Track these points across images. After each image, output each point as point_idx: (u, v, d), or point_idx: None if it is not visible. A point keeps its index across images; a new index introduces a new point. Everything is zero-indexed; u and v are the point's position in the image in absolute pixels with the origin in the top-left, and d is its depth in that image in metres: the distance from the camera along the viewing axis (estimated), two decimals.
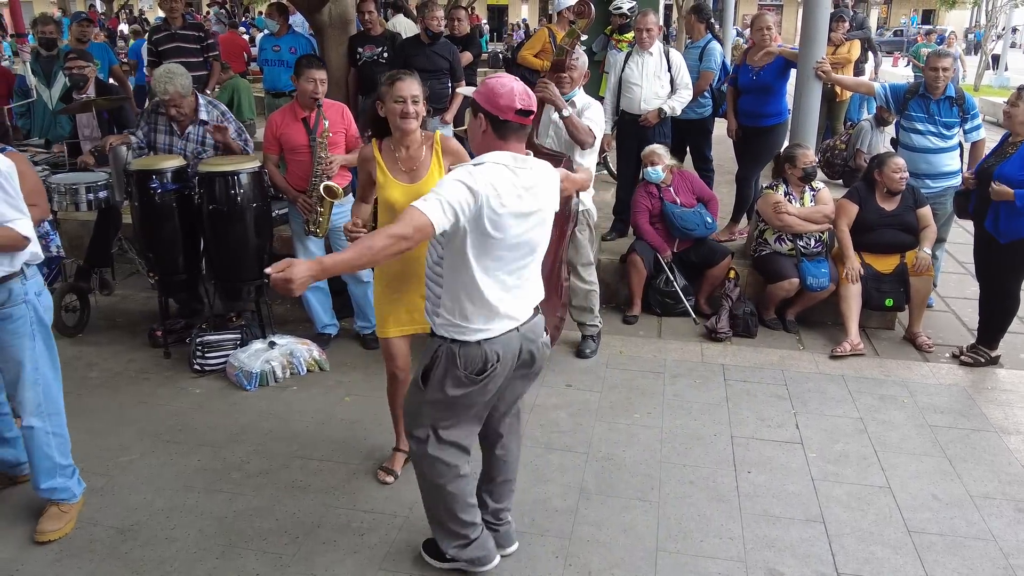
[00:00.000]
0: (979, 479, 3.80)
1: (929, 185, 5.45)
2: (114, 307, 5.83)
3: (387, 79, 3.24)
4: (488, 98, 2.57)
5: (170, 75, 4.84)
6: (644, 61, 6.15)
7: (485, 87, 2.60)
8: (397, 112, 3.22)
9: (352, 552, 3.23)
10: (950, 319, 5.90)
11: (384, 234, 2.42)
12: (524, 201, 2.58)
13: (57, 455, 3.31)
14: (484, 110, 2.58)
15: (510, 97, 2.54)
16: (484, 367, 2.69)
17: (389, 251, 2.42)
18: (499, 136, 2.59)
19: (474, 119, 2.65)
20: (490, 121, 2.58)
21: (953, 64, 5.48)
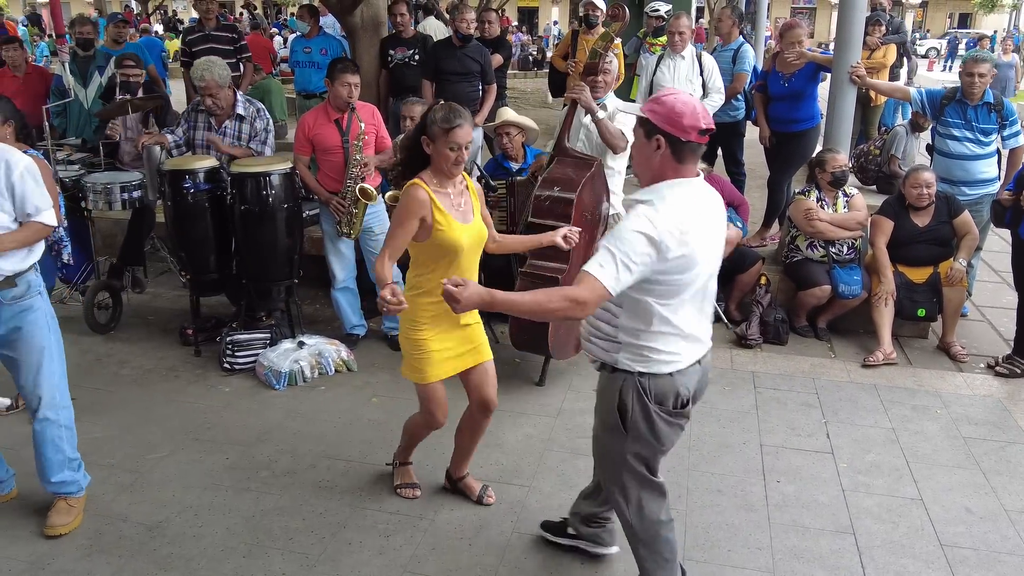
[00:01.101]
0: (1014, 493, 3.72)
1: (965, 192, 5.36)
2: (146, 305, 5.90)
3: (443, 122, 2.97)
4: (668, 118, 2.36)
5: (209, 64, 4.94)
6: (676, 64, 6.12)
7: (663, 106, 2.39)
8: (451, 159, 3.01)
9: (378, 553, 3.23)
10: (985, 328, 5.80)
11: (561, 295, 2.33)
12: (708, 228, 2.44)
13: (67, 448, 3.36)
14: (663, 131, 2.37)
15: (694, 116, 2.35)
16: (677, 402, 2.55)
17: (560, 315, 2.35)
18: (678, 159, 2.40)
19: (646, 142, 2.43)
20: (670, 143, 2.37)
21: (991, 70, 5.37)
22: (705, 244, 2.42)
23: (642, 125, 2.44)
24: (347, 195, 4.78)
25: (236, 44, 7.64)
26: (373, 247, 4.99)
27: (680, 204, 2.37)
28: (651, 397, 2.52)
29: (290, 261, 4.88)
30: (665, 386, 2.52)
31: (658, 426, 2.55)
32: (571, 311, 2.31)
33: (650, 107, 2.42)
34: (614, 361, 2.55)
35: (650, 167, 2.45)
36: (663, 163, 2.41)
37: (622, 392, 2.55)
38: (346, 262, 5.06)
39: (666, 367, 2.50)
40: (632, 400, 2.53)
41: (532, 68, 21.88)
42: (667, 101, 2.39)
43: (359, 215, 4.82)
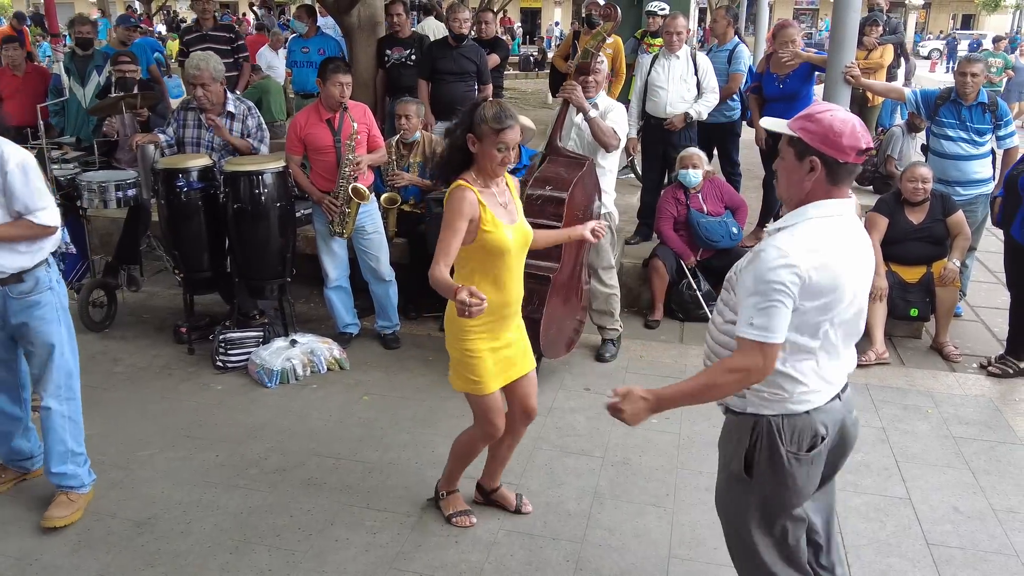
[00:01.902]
0: (1003, 493, 3.72)
1: (960, 192, 5.36)
2: (141, 303, 5.92)
3: (494, 122, 2.85)
4: (826, 137, 2.12)
5: (206, 56, 4.97)
6: (671, 64, 6.12)
7: (818, 124, 2.14)
8: (498, 159, 2.90)
9: (364, 550, 3.24)
10: (979, 329, 5.80)
11: (726, 370, 2.18)
12: (853, 254, 2.21)
13: (71, 441, 3.37)
14: (819, 152, 2.13)
15: (854, 136, 2.12)
16: (814, 442, 2.30)
17: (735, 389, 2.22)
18: (833, 183, 2.16)
19: (797, 163, 2.19)
20: (826, 166, 2.14)
21: (985, 70, 5.37)
22: (850, 271, 2.19)
23: (795, 144, 2.19)
24: (340, 195, 4.79)
25: (234, 44, 7.66)
26: (366, 246, 5.00)
27: (827, 230, 2.17)
28: (784, 439, 2.28)
29: (283, 260, 4.89)
30: (802, 425, 2.29)
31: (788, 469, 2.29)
32: (745, 380, 2.18)
33: (800, 124, 2.18)
34: (741, 406, 2.33)
35: (798, 188, 2.21)
36: (817, 186, 2.18)
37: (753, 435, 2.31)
38: (339, 261, 5.07)
39: (802, 405, 2.27)
40: (762, 443, 2.29)
41: (533, 69, 21.88)
42: (822, 119, 2.15)
43: (352, 214, 4.84)
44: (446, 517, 3.43)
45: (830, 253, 2.14)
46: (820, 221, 2.18)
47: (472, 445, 3.32)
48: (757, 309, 2.13)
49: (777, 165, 2.30)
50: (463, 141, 2.95)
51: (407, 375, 4.79)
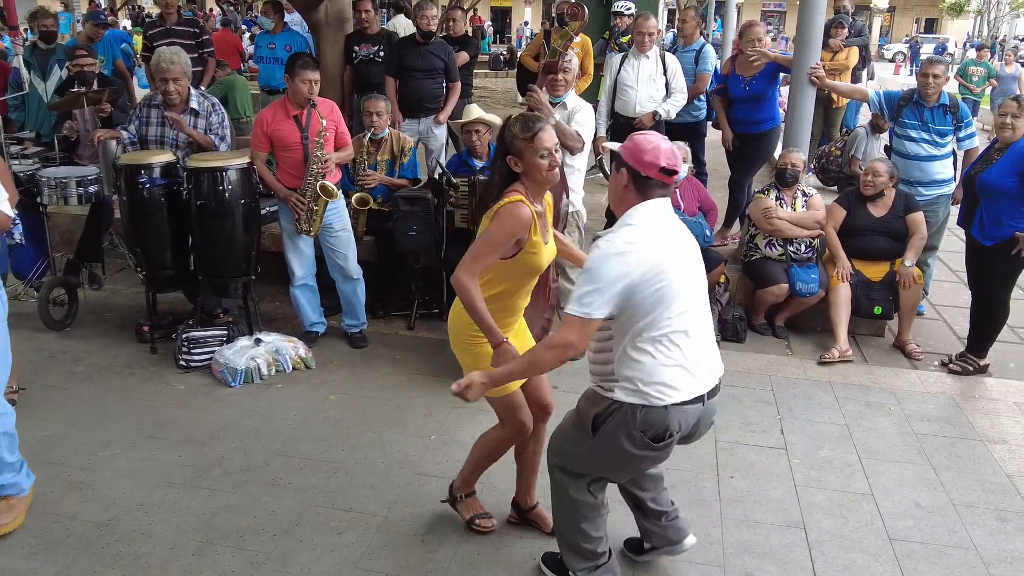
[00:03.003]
0: (963, 488, 3.78)
1: (922, 192, 5.44)
2: (103, 302, 5.82)
3: (524, 132, 2.75)
4: (632, 153, 2.55)
5: (176, 51, 4.91)
6: (640, 64, 6.15)
7: (632, 142, 2.57)
8: (545, 167, 2.78)
9: (329, 551, 3.21)
10: (941, 327, 5.89)
11: (545, 347, 2.59)
12: (682, 251, 2.58)
13: (5, 454, 3.24)
14: (627, 165, 2.55)
15: (655, 154, 2.51)
16: (664, 435, 2.59)
17: (555, 362, 2.59)
18: (640, 193, 2.56)
19: (616, 173, 2.61)
20: (632, 176, 2.55)
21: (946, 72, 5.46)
22: (672, 260, 2.52)
23: (614, 158, 2.62)
24: (307, 192, 4.75)
25: (198, 39, 7.56)
26: (333, 244, 4.96)
27: (651, 228, 2.52)
28: (635, 424, 2.56)
29: (247, 257, 4.83)
30: (656, 418, 2.55)
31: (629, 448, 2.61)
32: (563, 354, 2.51)
33: (623, 143, 2.60)
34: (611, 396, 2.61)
35: (616, 196, 2.63)
36: (627, 193, 2.58)
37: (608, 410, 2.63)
38: (305, 259, 5.02)
39: (660, 400, 2.54)
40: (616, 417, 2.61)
41: (502, 68, 21.87)
42: (636, 138, 2.57)
43: (319, 212, 4.80)
44: (467, 521, 3.33)
45: (654, 242, 2.49)
46: (642, 217, 2.53)
47: (499, 444, 3.21)
48: (584, 290, 2.45)
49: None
50: (506, 167, 2.83)
51: (374, 374, 4.76)
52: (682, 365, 2.54)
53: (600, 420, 2.64)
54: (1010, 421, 4.42)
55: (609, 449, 2.64)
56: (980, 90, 13.75)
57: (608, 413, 2.61)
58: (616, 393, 2.58)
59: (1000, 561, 3.27)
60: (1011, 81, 13.80)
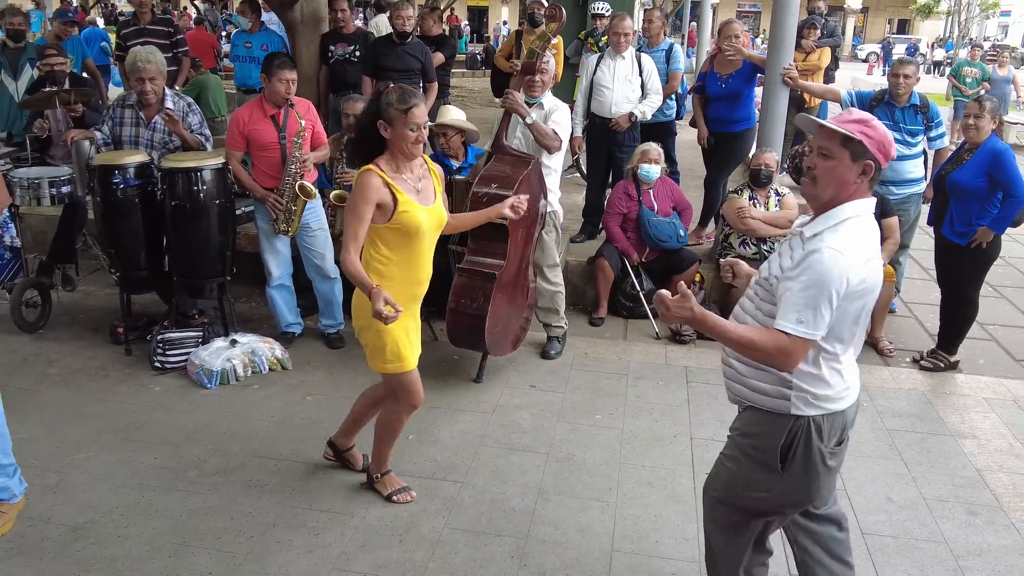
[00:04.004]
0: (933, 482, 3.84)
1: (893, 191, 5.51)
2: (77, 303, 5.77)
3: (399, 103, 2.97)
4: (881, 144, 2.28)
5: (150, 51, 4.87)
6: (616, 65, 6.17)
7: (874, 130, 2.28)
8: (411, 139, 3.03)
9: (306, 551, 3.21)
10: (912, 324, 5.97)
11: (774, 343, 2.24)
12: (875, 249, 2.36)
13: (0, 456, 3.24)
14: (874, 157, 2.27)
15: (893, 148, 2.33)
16: (843, 436, 2.45)
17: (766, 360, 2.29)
18: (871, 187, 2.35)
19: (851, 164, 2.28)
20: (876, 168, 2.29)
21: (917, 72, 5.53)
22: (879, 268, 2.36)
23: (850, 145, 2.27)
24: (285, 192, 4.73)
25: (172, 38, 7.51)
26: (310, 243, 4.95)
27: (862, 227, 2.31)
28: (823, 436, 2.38)
29: (223, 258, 4.81)
30: (839, 422, 2.42)
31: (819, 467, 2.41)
32: (776, 360, 2.26)
33: (865, 131, 2.27)
34: (784, 408, 2.38)
35: (845, 187, 2.31)
36: (860, 188, 2.32)
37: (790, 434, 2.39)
38: (282, 259, 5.01)
39: (840, 403, 2.39)
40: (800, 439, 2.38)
41: (479, 67, 21.86)
42: (882, 130, 2.29)
43: (298, 212, 4.78)
44: (386, 496, 3.52)
45: (872, 250, 2.31)
46: (857, 220, 2.30)
47: (397, 420, 3.44)
48: (806, 307, 2.21)
49: (816, 163, 2.34)
50: (373, 128, 3.04)
51: (351, 375, 4.75)
52: (852, 365, 2.42)
53: (786, 448, 2.39)
54: (979, 416, 4.50)
55: (806, 474, 2.40)
56: (973, 92, 12.72)
57: (793, 437, 2.38)
58: (793, 403, 2.36)
59: (969, 554, 3.33)
60: (1004, 84, 13.28)
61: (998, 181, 4.64)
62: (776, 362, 2.28)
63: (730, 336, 2.31)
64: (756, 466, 2.46)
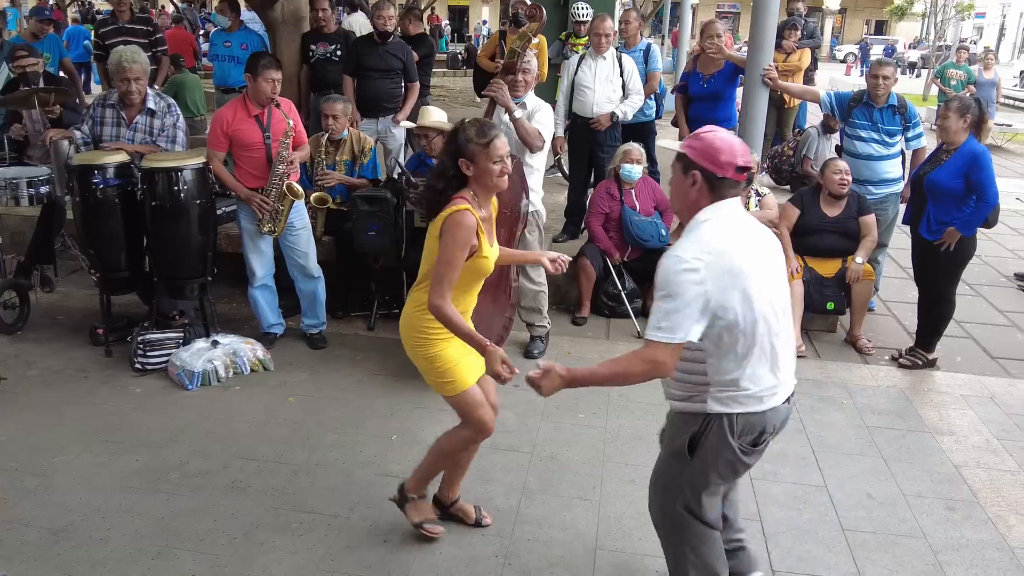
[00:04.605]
0: (912, 478, 3.89)
1: (872, 191, 5.57)
2: (56, 304, 5.71)
3: (479, 137, 2.80)
4: (705, 153, 2.37)
5: (135, 52, 4.85)
6: (597, 65, 6.19)
7: (700, 141, 2.40)
8: (496, 173, 2.84)
9: (291, 553, 3.20)
10: (891, 323, 6.04)
11: (640, 359, 2.34)
12: (762, 250, 2.43)
13: None
14: (700, 167, 2.37)
15: (731, 153, 2.36)
16: (761, 438, 2.51)
17: (643, 378, 2.38)
18: (713, 194, 2.39)
19: (683, 177, 2.42)
20: (706, 179, 2.37)
21: (895, 73, 5.60)
22: (754, 262, 2.38)
23: (680, 160, 2.43)
24: (272, 192, 4.72)
25: (151, 37, 7.46)
26: (294, 243, 4.93)
27: (718, 226, 2.37)
28: (735, 433, 2.46)
29: (204, 258, 4.78)
30: (754, 422, 2.47)
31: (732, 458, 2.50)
32: (653, 372, 2.35)
33: (689, 143, 2.42)
34: (700, 409, 2.48)
35: (686, 200, 2.44)
36: (700, 196, 2.41)
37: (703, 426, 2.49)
38: (265, 259, 4.99)
39: (755, 406, 2.45)
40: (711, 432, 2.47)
41: (460, 67, 21.85)
42: (706, 137, 2.40)
43: (285, 212, 4.78)
44: (414, 524, 3.27)
45: (728, 248, 2.33)
46: (708, 223, 2.38)
47: (460, 444, 3.18)
48: (663, 313, 2.32)
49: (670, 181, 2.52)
50: (455, 168, 2.85)
51: (334, 375, 4.74)
52: (773, 368, 2.45)
53: (697, 439, 2.49)
54: (957, 413, 4.56)
55: (712, 464, 2.52)
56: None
57: (705, 429, 2.48)
58: (710, 404, 2.46)
59: (948, 548, 3.37)
60: (990, 88, 13.12)
61: (973, 183, 4.70)
62: (650, 373, 2.35)
63: (602, 377, 2.49)
64: (673, 455, 2.62)
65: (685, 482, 2.59)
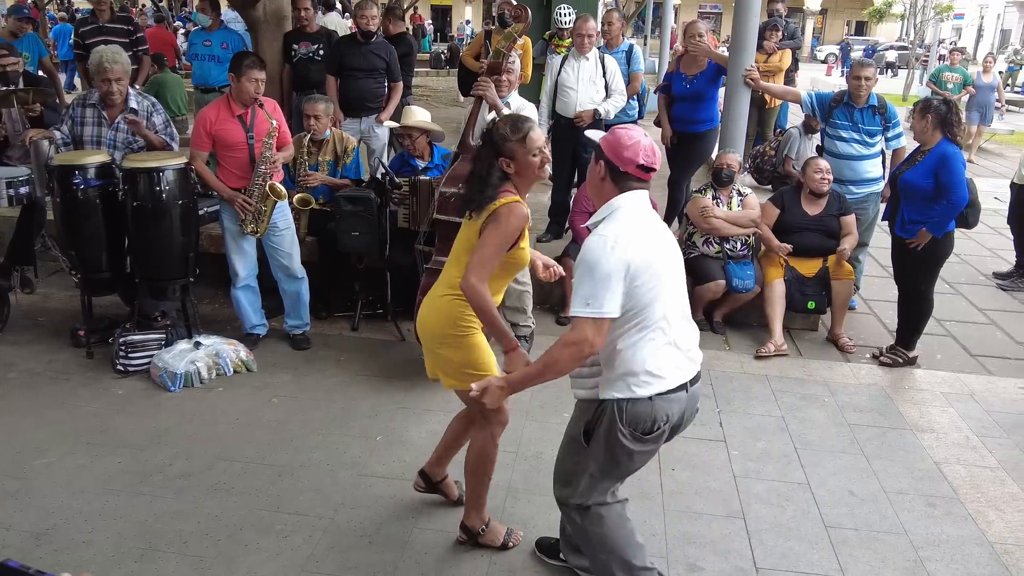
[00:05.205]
0: (894, 475, 3.93)
1: (852, 191, 5.62)
2: (36, 306, 5.66)
3: (515, 133, 2.80)
4: (612, 147, 2.54)
5: (116, 51, 4.81)
6: (580, 66, 6.21)
7: (613, 136, 2.56)
8: (537, 164, 2.85)
9: (275, 554, 3.19)
10: (872, 321, 6.09)
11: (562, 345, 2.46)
12: (662, 240, 2.57)
13: None
14: (606, 158, 2.55)
15: (634, 150, 2.50)
16: (654, 427, 2.57)
17: (573, 362, 2.49)
18: (617, 186, 2.55)
19: (594, 164, 2.62)
20: (609, 170, 2.55)
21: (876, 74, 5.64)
22: (657, 249, 2.52)
23: (594, 149, 2.62)
24: (255, 193, 4.70)
25: (132, 36, 7.40)
26: (277, 243, 4.91)
27: (630, 214, 2.52)
28: (624, 420, 2.54)
29: (186, 259, 4.76)
30: (643, 410, 2.54)
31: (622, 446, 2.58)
32: (579, 352, 2.44)
33: (605, 135, 2.61)
34: (593, 395, 2.61)
35: (593, 187, 2.64)
36: (605, 186, 2.58)
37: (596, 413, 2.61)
38: (248, 260, 4.96)
39: (643, 390, 2.53)
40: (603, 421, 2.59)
41: (443, 67, 21.82)
42: (617, 132, 2.56)
43: (268, 212, 4.76)
44: (501, 546, 3.23)
45: (640, 234, 2.49)
46: (624, 210, 2.53)
47: (487, 451, 3.13)
48: (589, 290, 2.42)
49: None
50: (499, 169, 2.84)
51: (318, 376, 4.73)
52: (665, 354, 2.54)
53: (590, 427, 2.63)
54: (937, 410, 4.60)
55: (605, 452, 2.61)
56: (957, 98, 12.14)
57: (596, 418, 2.61)
58: (601, 390, 2.58)
59: (929, 544, 3.41)
60: (988, 91, 12.86)
61: (942, 182, 4.75)
62: (579, 351, 2.44)
63: (535, 373, 2.57)
64: (571, 442, 2.79)
65: (583, 469, 2.73)
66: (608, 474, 2.71)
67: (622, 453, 2.60)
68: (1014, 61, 27.77)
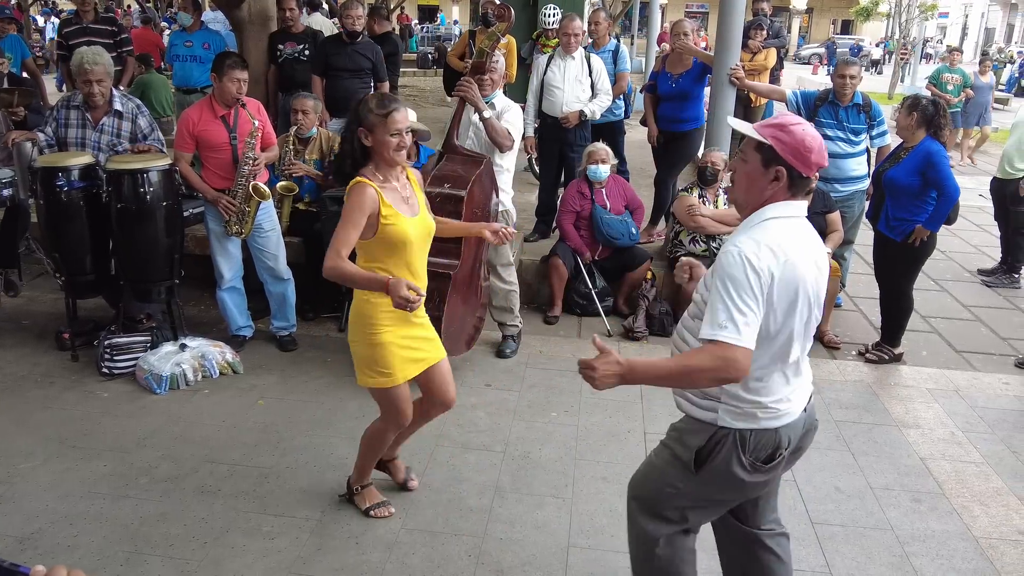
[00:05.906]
0: (880, 471, 3.95)
1: (838, 189, 5.64)
2: (20, 309, 5.62)
3: (379, 109, 2.90)
4: (796, 150, 2.17)
5: (97, 52, 4.78)
6: (566, 65, 6.22)
7: (790, 135, 2.18)
8: (393, 145, 2.92)
9: (262, 556, 3.18)
10: (858, 318, 6.12)
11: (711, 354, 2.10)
12: (810, 256, 2.22)
13: None
14: (787, 163, 2.19)
15: (821, 154, 2.20)
16: (775, 454, 2.31)
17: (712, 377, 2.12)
18: (792, 193, 2.23)
19: (762, 169, 2.22)
20: (790, 177, 2.20)
21: (861, 72, 5.67)
22: (807, 270, 2.20)
23: (761, 150, 2.22)
24: (238, 193, 4.68)
25: (116, 37, 7.36)
26: (263, 244, 4.90)
27: (783, 226, 2.21)
28: (747, 450, 2.28)
29: (171, 261, 4.73)
30: (767, 439, 2.30)
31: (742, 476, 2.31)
32: (722, 373, 2.10)
33: (774, 133, 2.20)
34: (711, 419, 2.31)
35: (757, 192, 2.25)
36: (775, 192, 2.23)
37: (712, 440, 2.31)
38: (233, 261, 4.94)
39: (773, 422, 2.28)
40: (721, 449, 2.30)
41: (431, 67, 21.79)
42: (796, 132, 2.19)
43: (251, 213, 4.73)
44: (364, 510, 3.44)
45: (790, 251, 2.17)
46: (776, 221, 2.21)
47: (383, 436, 3.33)
48: (727, 312, 2.11)
49: (736, 167, 2.34)
50: (355, 137, 2.97)
51: (304, 377, 4.72)
52: (792, 378, 2.31)
53: (704, 454, 2.31)
54: (923, 407, 4.63)
55: (717, 482, 2.34)
56: (958, 100, 12.14)
57: (714, 444, 2.30)
58: (720, 416, 2.29)
59: (914, 540, 3.43)
60: (987, 92, 12.74)
61: (931, 180, 4.78)
62: (723, 375, 2.11)
63: (666, 371, 2.20)
64: (674, 460, 2.41)
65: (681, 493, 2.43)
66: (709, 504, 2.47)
67: (736, 484, 2.33)
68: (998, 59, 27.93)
